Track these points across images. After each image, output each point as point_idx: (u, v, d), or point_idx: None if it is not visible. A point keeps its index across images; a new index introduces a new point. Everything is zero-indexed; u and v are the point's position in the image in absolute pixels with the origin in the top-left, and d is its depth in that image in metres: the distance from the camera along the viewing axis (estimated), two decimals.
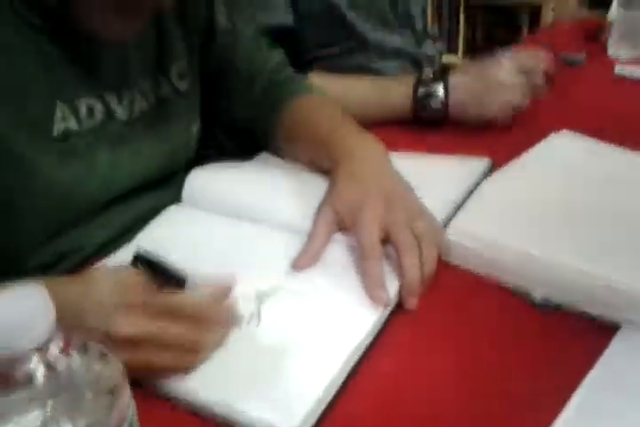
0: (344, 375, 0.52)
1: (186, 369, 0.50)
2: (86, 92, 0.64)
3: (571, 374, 0.51)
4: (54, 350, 0.32)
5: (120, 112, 0.68)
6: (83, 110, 0.64)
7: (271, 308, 0.57)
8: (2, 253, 0.63)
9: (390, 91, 0.97)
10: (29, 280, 0.36)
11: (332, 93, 0.90)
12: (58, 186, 0.63)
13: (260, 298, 0.59)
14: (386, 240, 0.62)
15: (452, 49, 3.30)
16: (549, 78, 0.97)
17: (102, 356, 0.35)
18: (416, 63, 1.23)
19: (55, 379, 0.32)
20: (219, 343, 0.52)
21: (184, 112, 0.77)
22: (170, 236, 0.69)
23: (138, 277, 0.50)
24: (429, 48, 1.29)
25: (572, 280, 0.58)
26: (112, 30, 0.62)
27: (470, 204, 0.71)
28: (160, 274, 0.50)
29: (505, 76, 0.92)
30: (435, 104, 0.92)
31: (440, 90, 0.92)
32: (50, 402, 0.32)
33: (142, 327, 0.48)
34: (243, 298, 0.57)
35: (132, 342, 0.47)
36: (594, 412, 0.48)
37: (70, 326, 0.39)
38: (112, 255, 0.65)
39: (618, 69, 1.15)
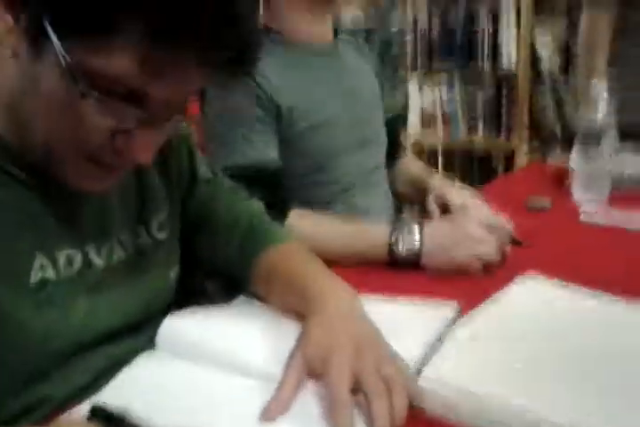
0: None
1: None
2: (66, 243, 0.67)
3: None
4: None
5: (98, 262, 0.70)
6: (61, 260, 0.67)
7: None
8: None
9: (368, 236, 1.02)
10: None
11: (313, 236, 0.98)
12: (32, 334, 0.63)
13: None
14: (356, 387, 0.62)
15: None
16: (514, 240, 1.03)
17: None
18: None
19: None
20: None
21: (162, 260, 0.80)
22: (141, 384, 0.68)
23: None
24: None
25: None
26: (90, 184, 0.66)
27: (444, 349, 0.71)
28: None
29: (475, 230, 0.98)
30: (409, 252, 0.98)
31: (415, 240, 0.98)
32: None
33: None
34: None
35: None
36: None
37: None
38: (84, 403, 0.65)
39: (583, 217, 1.21)
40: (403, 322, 0.76)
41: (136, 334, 0.75)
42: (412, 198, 1.40)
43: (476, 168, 3.17)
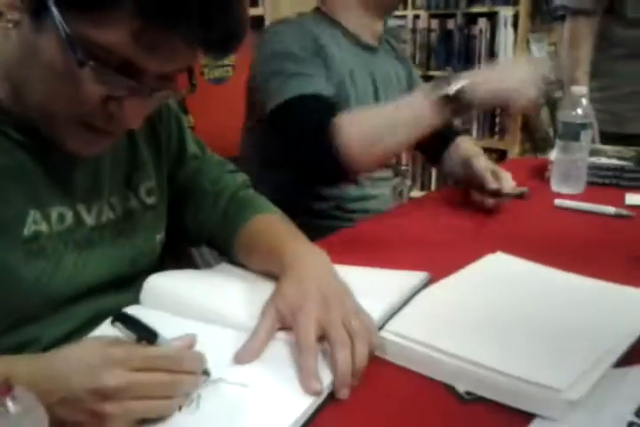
0: None
1: (163, 415, 0.57)
2: (59, 201, 0.73)
3: None
4: None
5: (88, 220, 0.76)
6: (54, 216, 0.72)
7: (211, 394, 0.62)
8: None
9: (411, 103, 1.07)
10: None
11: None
12: (23, 282, 0.69)
13: (202, 387, 0.63)
14: (323, 338, 0.67)
15: (425, 185, 3.52)
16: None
17: (31, 404, 0.39)
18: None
19: None
20: (192, 389, 0.60)
21: (149, 223, 0.85)
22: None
23: (113, 339, 0.57)
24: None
25: (488, 377, 0.64)
26: (84, 147, 0.71)
27: (407, 309, 0.77)
28: (135, 329, 0.58)
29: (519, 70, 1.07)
30: (457, 89, 1.01)
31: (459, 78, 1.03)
32: None
33: (129, 378, 0.54)
34: None
35: (120, 393, 0.54)
36: None
37: (54, 391, 0.52)
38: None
39: (557, 202, 1.26)
40: (372, 284, 0.81)
41: (122, 289, 0.81)
42: (458, 177, 1.40)
43: None
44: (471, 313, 0.76)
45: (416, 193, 3.12)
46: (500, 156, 3.07)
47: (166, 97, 0.73)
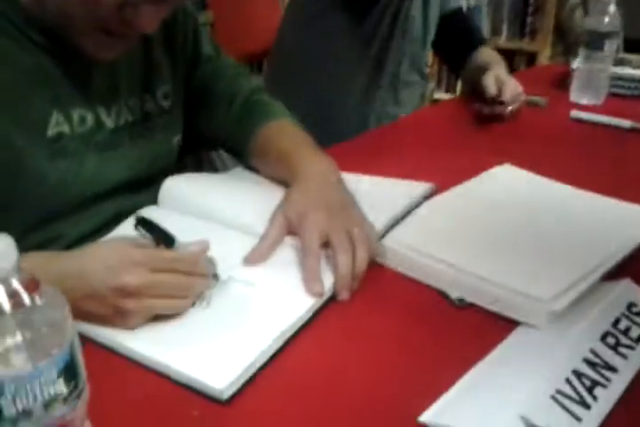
0: (273, 350, 0.61)
1: (178, 312, 0.62)
2: (79, 103, 0.75)
3: (470, 357, 0.60)
4: (17, 285, 0.41)
5: (108, 122, 0.79)
6: (75, 118, 0.75)
7: (221, 292, 0.67)
8: None
9: None
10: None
11: None
12: (48, 181, 0.73)
13: (213, 284, 0.68)
14: (326, 244, 0.72)
15: (450, 87, 3.45)
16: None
17: (56, 298, 0.44)
18: None
19: (22, 312, 0.41)
20: (204, 290, 0.65)
21: (166, 125, 0.87)
22: None
23: (132, 241, 0.61)
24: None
25: (479, 285, 0.68)
26: (101, 51, 0.73)
27: (409, 219, 0.81)
28: (155, 233, 0.62)
29: None
30: None
31: None
32: (19, 332, 0.41)
33: (148, 278, 0.59)
34: None
35: (140, 291, 0.58)
36: (478, 387, 0.57)
37: (79, 288, 0.56)
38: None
39: (573, 114, 1.26)
40: (377, 194, 0.85)
41: (141, 190, 0.85)
42: (474, 85, 1.38)
43: None
44: (470, 224, 0.80)
45: (440, 95, 3.07)
46: (529, 59, 2.98)
47: (182, 2, 0.74)
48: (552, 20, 2.88)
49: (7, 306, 0.41)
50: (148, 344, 0.60)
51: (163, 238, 0.63)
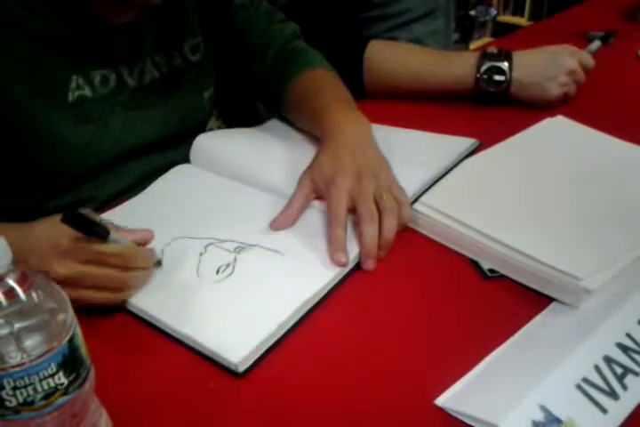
0: (292, 322, 0.60)
1: (116, 304, 0.61)
2: (100, 64, 0.73)
3: (498, 335, 0.58)
4: (12, 281, 0.41)
5: (131, 82, 0.76)
6: (97, 80, 0.73)
7: (245, 260, 0.66)
8: (22, 199, 0.73)
9: (453, 62, 0.99)
10: None
11: (392, 60, 0.99)
12: (73, 145, 0.72)
13: (238, 251, 0.67)
14: (354, 209, 0.69)
15: (517, 11, 3.25)
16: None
17: (51, 287, 0.44)
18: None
19: (18, 303, 0.41)
20: (144, 282, 0.62)
21: (196, 80, 0.84)
22: (172, 190, 0.78)
23: (68, 229, 0.56)
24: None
25: (512, 258, 0.64)
26: (111, 16, 0.71)
27: (445, 182, 0.77)
28: (84, 230, 0.57)
29: (570, 63, 0.96)
30: (498, 78, 0.95)
31: (505, 65, 0.95)
32: (16, 324, 0.41)
33: (76, 269, 0.56)
34: (222, 250, 0.67)
35: (67, 283, 0.54)
36: (499, 371, 0.55)
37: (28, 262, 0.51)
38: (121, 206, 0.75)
39: None
40: (416, 151, 0.81)
41: (173, 147, 0.83)
42: None
43: None
44: (511, 187, 0.75)
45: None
46: None
47: None
48: None
49: (2, 300, 0.41)
50: (171, 314, 0.60)
51: (94, 233, 0.57)
